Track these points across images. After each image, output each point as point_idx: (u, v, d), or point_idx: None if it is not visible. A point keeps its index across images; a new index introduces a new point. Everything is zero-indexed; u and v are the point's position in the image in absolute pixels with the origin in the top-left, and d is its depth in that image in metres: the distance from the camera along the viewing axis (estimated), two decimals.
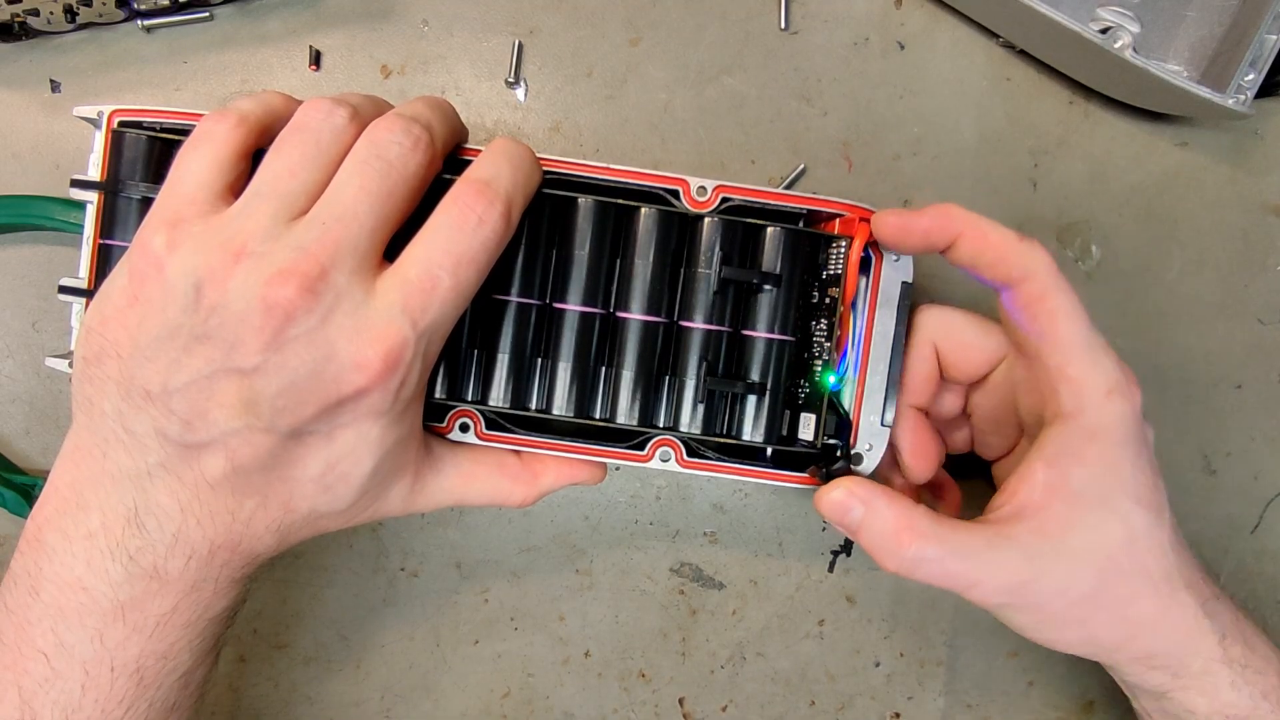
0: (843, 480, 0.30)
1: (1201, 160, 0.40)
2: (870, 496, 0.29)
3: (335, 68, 0.39)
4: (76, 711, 0.27)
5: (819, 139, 0.40)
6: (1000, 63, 0.40)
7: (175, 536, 0.27)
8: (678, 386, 0.31)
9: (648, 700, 0.41)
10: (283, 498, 0.27)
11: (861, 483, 0.30)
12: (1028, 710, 0.42)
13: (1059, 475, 0.29)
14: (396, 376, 0.26)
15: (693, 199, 0.31)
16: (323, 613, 0.41)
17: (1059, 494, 0.29)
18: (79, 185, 0.31)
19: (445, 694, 0.41)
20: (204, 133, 0.27)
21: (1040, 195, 0.40)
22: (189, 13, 0.38)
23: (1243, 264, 0.40)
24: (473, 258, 0.27)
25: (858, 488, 0.29)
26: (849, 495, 0.29)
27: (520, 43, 0.39)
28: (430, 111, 0.28)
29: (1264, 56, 0.36)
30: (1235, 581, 0.41)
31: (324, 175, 0.26)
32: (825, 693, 0.42)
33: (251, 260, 0.25)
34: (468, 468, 0.31)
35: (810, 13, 0.40)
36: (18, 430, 0.40)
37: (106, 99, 0.38)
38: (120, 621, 0.27)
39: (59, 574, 0.27)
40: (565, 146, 0.40)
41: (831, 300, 0.31)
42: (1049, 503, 0.29)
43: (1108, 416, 0.29)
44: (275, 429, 0.25)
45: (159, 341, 0.25)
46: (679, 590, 0.41)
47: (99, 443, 0.27)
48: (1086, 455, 0.29)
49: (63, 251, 0.39)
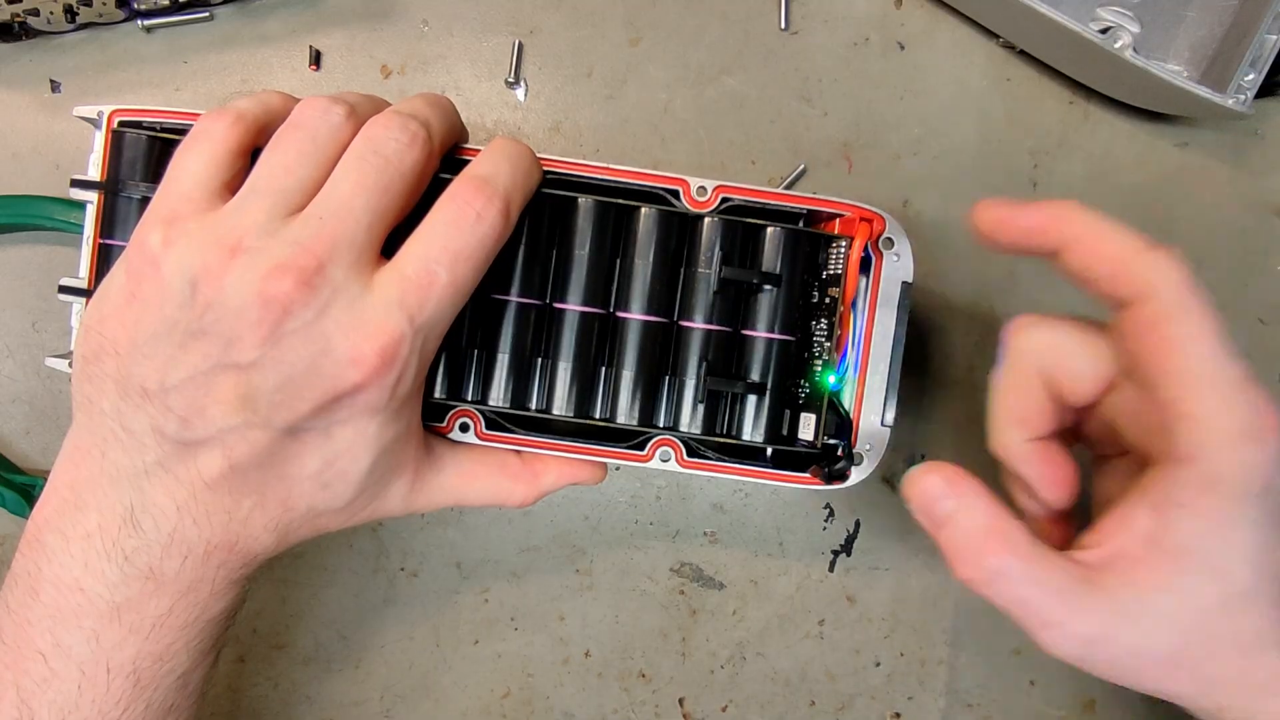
0: (941, 466, 0.27)
1: (1201, 160, 0.40)
2: (969, 491, 0.26)
3: (335, 68, 0.39)
4: (73, 712, 0.27)
5: (819, 139, 0.40)
6: (1000, 63, 0.40)
7: (171, 536, 0.27)
8: (678, 386, 0.31)
9: (648, 700, 0.41)
10: (280, 496, 0.27)
11: (963, 474, 0.27)
12: (1029, 709, 0.42)
13: (1163, 527, 0.25)
14: (393, 372, 0.26)
15: (693, 199, 0.31)
16: (323, 613, 0.41)
17: (1160, 548, 0.25)
18: (79, 185, 0.31)
19: (445, 694, 0.41)
20: (201, 131, 0.27)
21: (1040, 195, 0.40)
22: (189, 13, 0.38)
23: (1243, 264, 0.40)
24: (470, 254, 0.26)
25: (959, 479, 0.26)
26: (947, 484, 0.26)
27: (520, 43, 0.39)
28: (428, 109, 0.28)
29: (1264, 56, 0.36)
30: None
31: (321, 172, 0.26)
32: (825, 693, 0.42)
33: (248, 256, 0.25)
34: (468, 467, 0.31)
35: (810, 13, 0.40)
36: (18, 430, 0.40)
37: (106, 99, 0.38)
38: (116, 623, 0.27)
39: (57, 575, 0.27)
40: (565, 146, 0.40)
41: (831, 300, 0.31)
42: (1147, 556, 0.26)
43: (1231, 465, 0.24)
44: (272, 425, 0.25)
45: (156, 339, 0.25)
46: (679, 590, 0.41)
47: (97, 442, 0.27)
48: (1200, 508, 0.25)
49: (63, 251, 0.39)
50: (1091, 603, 0.25)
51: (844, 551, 0.41)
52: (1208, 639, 0.26)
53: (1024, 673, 0.42)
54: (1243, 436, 0.24)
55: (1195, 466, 0.25)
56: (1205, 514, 0.25)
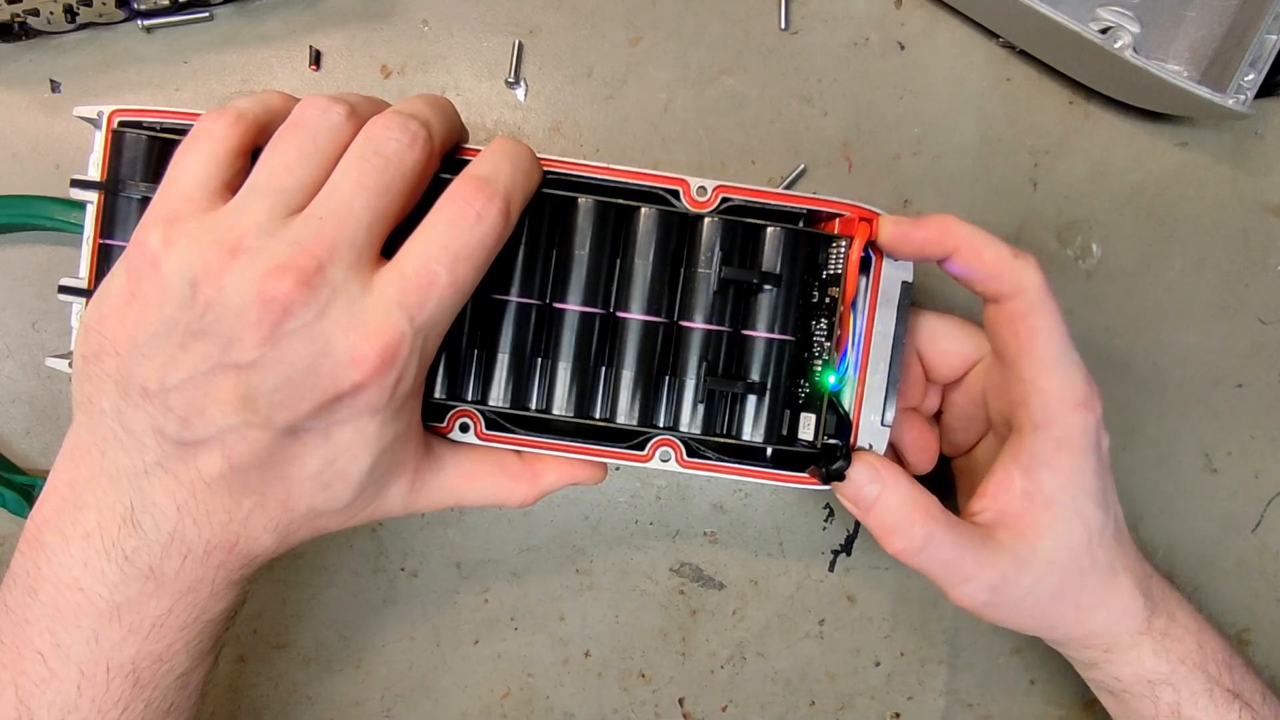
0: (864, 455, 0.31)
1: (1201, 160, 0.40)
2: (890, 475, 0.30)
3: (335, 68, 0.39)
4: (73, 712, 0.27)
5: (819, 139, 0.40)
6: (1000, 63, 0.40)
7: (171, 536, 0.27)
8: (678, 386, 0.31)
9: (648, 700, 0.41)
10: (280, 496, 0.27)
11: (883, 460, 0.31)
12: (1029, 709, 0.42)
13: (1034, 483, 0.31)
14: (393, 372, 0.26)
15: (693, 199, 0.31)
16: (323, 613, 0.41)
17: (1035, 500, 0.31)
18: (79, 185, 0.31)
19: (445, 694, 0.41)
20: (201, 130, 0.27)
21: (1040, 195, 0.40)
22: (189, 13, 0.38)
23: (1243, 264, 0.40)
24: (470, 254, 0.26)
25: (880, 464, 0.31)
26: (871, 470, 0.31)
27: (520, 43, 0.39)
28: (428, 109, 0.28)
29: (1264, 56, 0.36)
30: (1236, 579, 0.41)
31: (321, 171, 0.26)
32: (825, 693, 0.42)
33: (247, 256, 0.25)
34: (468, 467, 0.31)
35: (810, 13, 0.40)
36: (18, 430, 0.40)
37: (106, 99, 0.38)
38: (116, 622, 0.27)
39: (56, 574, 0.27)
40: (565, 146, 0.40)
41: (831, 300, 0.31)
42: (1027, 508, 0.31)
43: (1074, 428, 0.31)
44: (272, 425, 0.25)
45: (156, 339, 0.25)
46: (679, 590, 0.41)
47: (98, 441, 0.27)
48: (1057, 463, 0.31)
49: (63, 251, 0.39)
50: (992, 556, 0.31)
51: (844, 551, 0.41)
52: (1080, 572, 0.32)
53: (1024, 672, 0.42)
54: (1078, 406, 0.31)
55: (1049, 430, 0.31)
56: (1062, 468, 0.31)
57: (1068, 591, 0.32)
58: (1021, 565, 0.31)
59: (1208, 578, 0.41)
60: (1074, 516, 0.31)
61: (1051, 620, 0.33)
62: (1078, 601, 0.32)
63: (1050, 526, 0.31)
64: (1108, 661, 0.34)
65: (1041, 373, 0.31)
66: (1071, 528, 0.31)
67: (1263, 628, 0.42)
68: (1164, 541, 0.41)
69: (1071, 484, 0.31)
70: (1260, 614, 0.42)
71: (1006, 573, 0.31)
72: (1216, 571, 0.41)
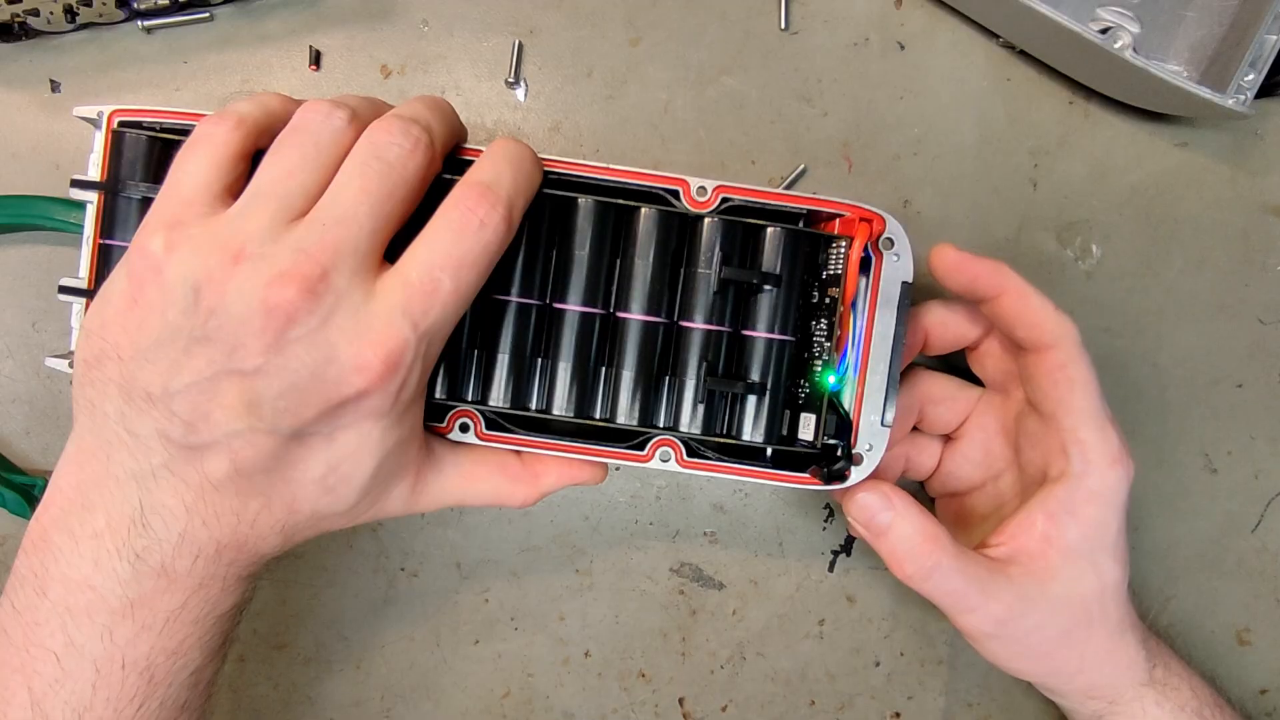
0: (874, 483, 0.31)
1: (1201, 160, 0.40)
2: (902, 504, 0.31)
3: (335, 68, 0.39)
4: (88, 711, 0.27)
5: (819, 139, 0.40)
6: (1000, 63, 0.40)
7: (181, 536, 0.27)
8: (678, 386, 0.31)
9: (648, 700, 0.42)
10: (286, 499, 0.27)
11: (895, 488, 0.31)
12: (1029, 709, 0.42)
13: (1056, 529, 0.32)
14: (397, 379, 0.26)
15: (693, 199, 0.31)
16: (323, 613, 0.41)
17: (1054, 545, 0.32)
18: (79, 185, 0.31)
19: (445, 694, 0.41)
20: (202, 134, 0.27)
21: (1040, 195, 0.40)
22: (189, 13, 0.38)
23: (1243, 264, 0.40)
24: (474, 261, 0.26)
25: (893, 494, 0.31)
26: (883, 498, 0.31)
27: (520, 43, 0.39)
28: (429, 112, 0.28)
29: (1264, 56, 0.36)
30: (1236, 579, 0.41)
31: (323, 177, 0.26)
32: (825, 693, 0.42)
33: (251, 263, 0.25)
34: (469, 468, 0.31)
35: (810, 13, 0.40)
36: (18, 430, 0.40)
37: (106, 99, 0.38)
38: (129, 619, 0.27)
39: (66, 573, 0.27)
40: (565, 146, 0.40)
41: (831, 300, 0.31)
42: (1044, 551, 0.32)
43: (1109, 482, 0.32)
44: (277, 430, 0.25)
45: (159, 344, 0.25)
46: (679, 590, 0.41)
47: (102, 445, 0.27)
48: (1084, 514, 0.32)
49: (63, 251, 0.39)
50: (1001, 590, 0.31)
51: (844, 552, 0.41)
52: (1089, 622, 0.32)
53: None
54: (1114, 461, 0.32)
55: (1083, 481, 0.32)
56: (1088, 520, 0.32)
57: (1074, 638, 0.32)
58: (1028, 602, 0.31)
59: (1208, 578, 0.41)
60: (1089, 567, 0.32)
61: (1055, 665, 0.33)
62: (1084, 651, 0.33)
63: (1063, 570, 0.32)
64: (1112, 714, 0.35)
65: (1081, 424, 0.32)
66: (1084, 576, 0.32)
67: (1263, 628, 0.42)
68: (1164, 541, 0.41)
69: (1094, 535, 0.32)
70: (1260, 614, 0.42)
71: (1013, 606, 0.31)
72: (1216, 571, 0.41)
